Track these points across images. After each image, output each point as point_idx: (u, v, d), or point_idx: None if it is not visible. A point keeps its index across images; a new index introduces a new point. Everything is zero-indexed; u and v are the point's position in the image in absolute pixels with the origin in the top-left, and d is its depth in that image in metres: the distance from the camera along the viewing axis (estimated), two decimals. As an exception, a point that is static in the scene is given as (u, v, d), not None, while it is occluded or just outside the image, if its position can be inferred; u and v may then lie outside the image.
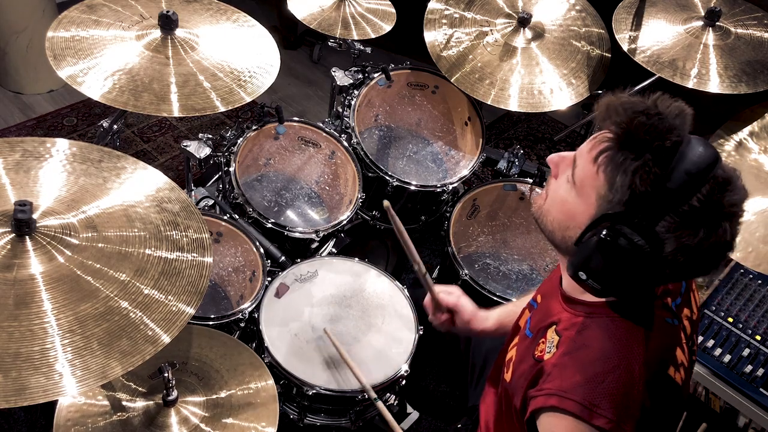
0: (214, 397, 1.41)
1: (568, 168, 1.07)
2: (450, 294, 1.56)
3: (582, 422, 0.98)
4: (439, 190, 2.25)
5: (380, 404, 1.58)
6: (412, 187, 2.21)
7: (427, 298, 1.57)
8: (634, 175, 0.95)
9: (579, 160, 1.04)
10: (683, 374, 1.12)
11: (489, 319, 1.55)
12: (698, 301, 1.24)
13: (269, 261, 1.90)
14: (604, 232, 0.98)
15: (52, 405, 1.26)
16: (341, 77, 2.29)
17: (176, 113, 1.57)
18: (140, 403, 1.37)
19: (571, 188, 1.05)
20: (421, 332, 1.78)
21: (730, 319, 2.04)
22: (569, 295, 1.15)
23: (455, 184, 2.28)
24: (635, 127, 0.95)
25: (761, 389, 1.88)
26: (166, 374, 1.29)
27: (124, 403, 1.36)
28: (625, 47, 2.09)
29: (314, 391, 1.63)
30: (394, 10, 2.28)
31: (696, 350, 1.23)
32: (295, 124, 2.22)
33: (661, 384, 1.06)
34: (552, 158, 1.12)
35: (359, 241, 2.34)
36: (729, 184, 0.97)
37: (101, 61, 1.60)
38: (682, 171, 0.94)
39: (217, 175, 2.19)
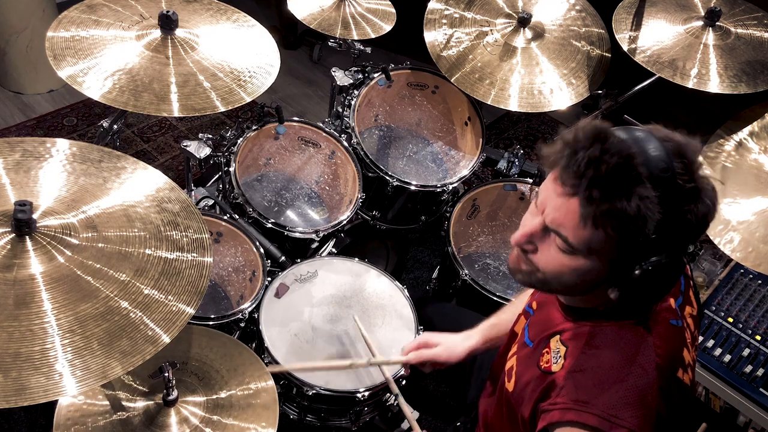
0: (215, 397, 1.41)
1: (545, 237, 1.03)
2: (423, 351, 1.54)
3: None
4: (439, 190, 2.25)
5: (402, 400, 1.57)
6: (412, 187, 2.21)
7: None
8: (640, 211, 0.91)
9: (568, 231, 0.98)
10: (691, 374, 1.12)
11: (471, 337, 1.54)
12: (698, 294, 1.23)
13: (269, 261, 1.90)
14: (644, 266, 0.96)
15: (52, 405, 1.26)
16: (341, 77, 2.29)
17: (176, 113, 1.57)
18: (140, 403, 1.36)
19: (575, 255, 1.00)
20: (421, 332, 1.78)
21: (730, 319, 2.04)
22: (569, 305, 1.14)
23: (455, 184, 2.28)
24: (607, 176, 0.92)
25: (761, 389, 1.89)
26: (166, 374, 1.29)
27: (124, 402, 1.36)
28: (625, 47, 2.08)
29: (314, 392, 1.63)
30: (394, 10, 2.28)
31: (697, 345, 1.22)
32: (295, 124, 2.22)
33: (673, 387, 1.05)
34: (519, 240, 1.07)
35: (359, 241, 2.34)
36: (684, 145, 0.96)
37: (101, 61, 1.60)
38: (657, 172, 0.92)
39: (217, 175, 2.19)
